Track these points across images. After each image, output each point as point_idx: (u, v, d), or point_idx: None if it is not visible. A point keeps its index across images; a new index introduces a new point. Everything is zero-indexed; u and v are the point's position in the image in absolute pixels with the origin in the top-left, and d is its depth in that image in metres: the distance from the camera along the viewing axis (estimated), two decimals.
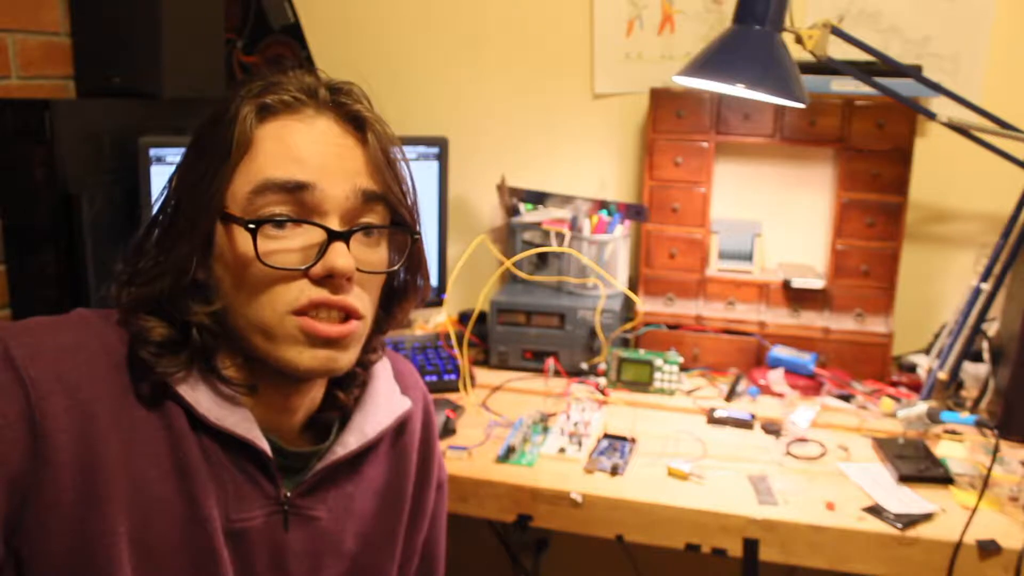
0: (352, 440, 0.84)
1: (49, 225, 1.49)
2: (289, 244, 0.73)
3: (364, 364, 0.88)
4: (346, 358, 0.77)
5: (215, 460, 0.76)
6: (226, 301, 0.75)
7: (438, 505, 1.00)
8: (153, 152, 1.46)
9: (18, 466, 0.67)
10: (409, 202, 0.81)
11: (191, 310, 0.75)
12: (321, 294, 0.73)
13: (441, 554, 1.02)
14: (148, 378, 0.74)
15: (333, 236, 0.73)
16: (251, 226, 0.72)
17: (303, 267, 0.73)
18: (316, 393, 0.84)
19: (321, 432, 0.86)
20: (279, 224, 0.73)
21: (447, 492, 1.02)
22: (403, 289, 0.86)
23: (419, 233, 0.81)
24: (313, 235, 0.73)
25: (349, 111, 0.78)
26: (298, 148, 0.74)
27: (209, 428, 0.75)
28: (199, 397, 0.75)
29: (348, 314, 0.75)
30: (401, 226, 0.80)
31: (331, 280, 0.73)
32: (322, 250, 0.73)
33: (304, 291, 0.73)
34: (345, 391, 0.86)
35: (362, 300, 0.76)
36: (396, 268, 0.81)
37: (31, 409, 0.68)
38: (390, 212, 0.79)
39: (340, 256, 0.73)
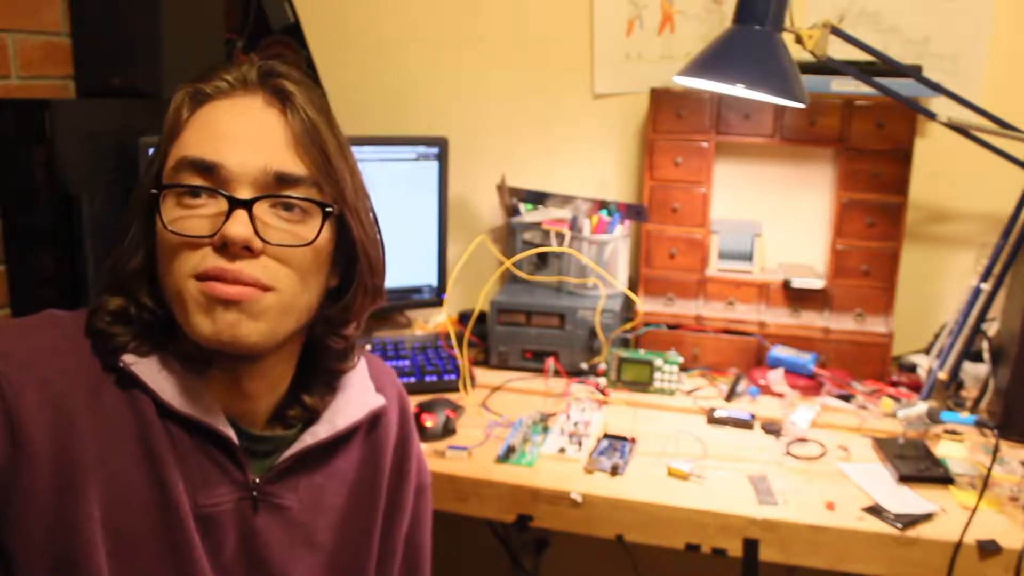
0: (322, 430, 0.85)
1: (49, 225, 1.49)
2: (199, 213, 0.74)
3: (335, 373, 0.88)
4: (252, 327, 0.74)
5: (182, 447, 0.78)
6: (159, 276, 0.78)
7: (420, 508, 1.00)
8: (153, 152, 1.46)
9: None
10: (335, 182, 0.79)
11: (141, 290, 0.78)
12: (218, 262, 0.73)
13: (426, 559, 1.02)
14: (115, 369, 0.76)
15: (233, 204, 0.73)
16: (154, 191, 0.76)
17: (205, 235, 0.74)
18: (273, 383, 0.84)
19: (292, 424, 0.87)
20: (195, 194, 0.75)
21: (430, 496, 1.02)
22: (349, 277, 0.84)
23: (332, 207, 0.78)
24: (222, 205, 0.74)
25: (274, 86, 0.78)
26: (215, 127, 0.76)
27: (175, 415, 0.77)
28: (163, 385, 0.77)
29: (250, 286, 0.74)
30: (313, 200, 0.77)
31: (229, 248, 0.73)
32: (226, 219, 0.73)
33: (206, 257, 0.74)
34: (311, 395, 0.86)
35: (270, 272, 0.75)
36: (311, 242, 0.77)
37: (6, 404, 0.70)
38: (318, 192, 0.78)
39: (235, 223, 0.73)
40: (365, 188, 0.84)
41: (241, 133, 0.75)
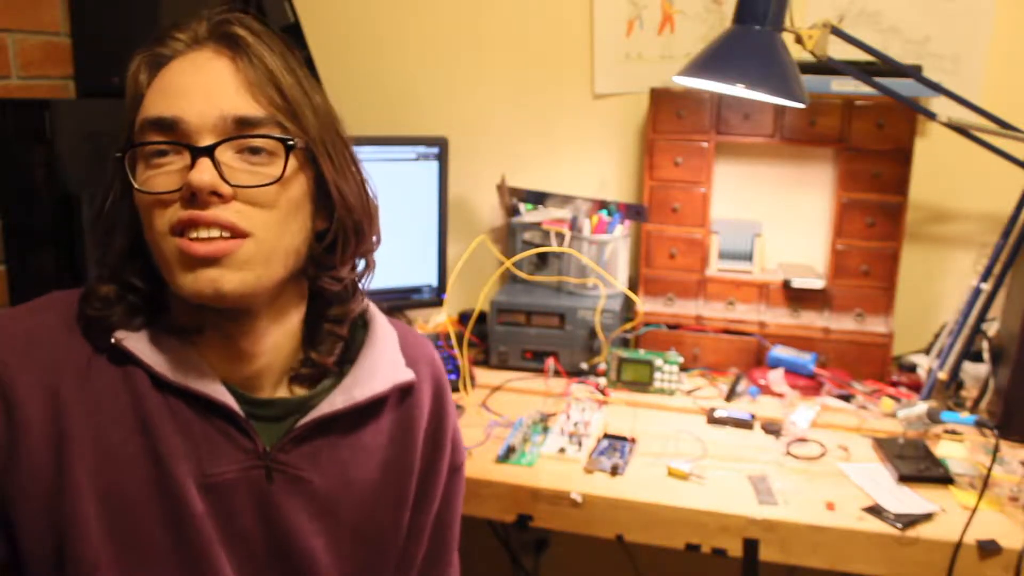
0: (339, 400, 0.84)
1: (49, 225, 1.49)
2: (165, 170, 0.75)
3: (337, 319, 0.86)
4: (234, 279, 0.74)
5: (183, 417, 0.78)
6: (147, 244, 0.78)
7: (453, 488, 0.98)
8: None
9: None
10: (297, 118, 0.78)
11: (129, 269, 0.80)
12: (188, 212, 0.73)
13: (454, 538, 1.00)
14: (106, 345, 0.78)
15: (195, 153, 0.73)
16: (118, 155, 0.76)
17: (173, 189, 0.74)
18: (276, 342, 0.82)
19: (309, 386, 0.86)
20: (162, 154, 0.75)
21: (464, 475, 1.00)
22: (328, 214, 0.82)
23: (293, 141, 0.77)
24: (186, 158, 0.74)
25: (222, 34, 0.78)
26: (170, 85, 0.76)
27: (172, 388, 0.77)
28: (157, 358, 0.78)
29: (228, 232, 0.74)
30: (275, 137, 0.76)
31: (197, 198, 0.73)
32: (190, 170, 0.73)
33: (178, 211, 0.74)
34: (319, 350, 0.85)
35: (244, 216, 0.74)
36: (277, 179, 0.75)
37: (3, 387, 0.73)
38: (281, 130, 0.77)
39: (198, 171, 0.72)
40: (338, 129, 0.83)
41: (195, 86, 0.75)
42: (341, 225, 0.82)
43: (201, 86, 0.76)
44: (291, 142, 0.77)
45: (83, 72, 1.73)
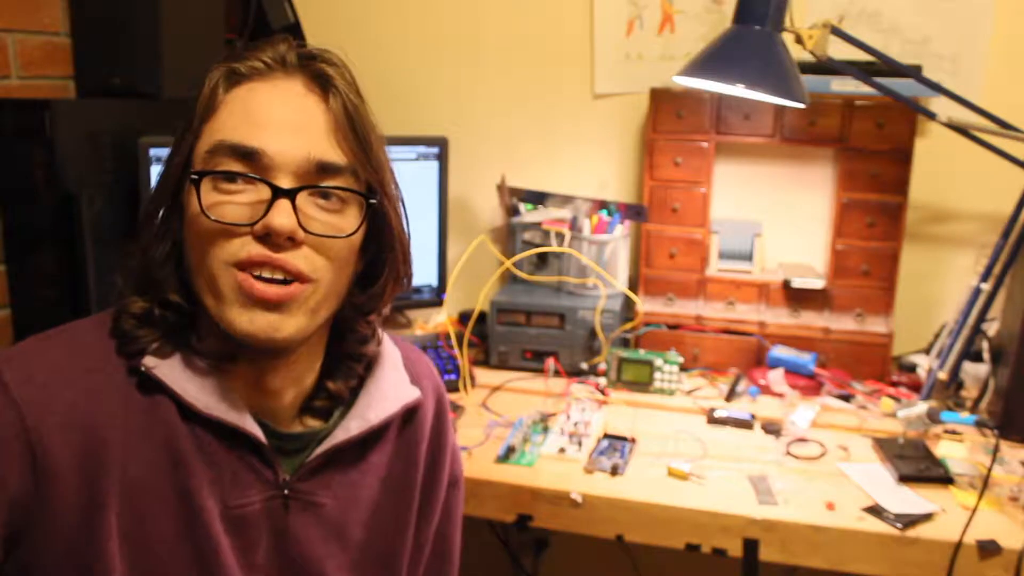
0: (354, 425, 0.84)
1: (49, 225, 1.49)
2: (237, 199, 0.73)
3: (358, 356, 0.87)
4: (291, 324, 0.74)
5: (209, 448, 0.77)
6: (189, 263, 0.76)
7: (452, 501, 0.98)
8: (153, 152, 1.46)
9: (18, 486, 0.70)
10: (374, 170, 0.78)
11: (167, 285, 0.77)
12: (262, 251, 0.72)
13: (455, 552, 1.01)
14: (136, 374, 0.75)
15: (277, 193, 0.72)
16: (193, 177, 0.73)
17: (245, 223, 0.72)
18: (299, 375, 0.82)
19: (322, 418, 0.86)
20: (231, 179, 0.73)
21: (463, 489, 1.01)
22: (377, 264, 0.83)
23: (375, 198, 0.78)
24: (262, 192, 0.72)
25: (315, 70, 0.77)
26: (256, 112, 0.74)
27: (201, 418, 0.76)
28: (186, 386, 0.76)
29: (292, 277, 0.73)
30: (356, 191, 0.77)
31: (271, 238, 0.72)
32: (267, 208, 0.72)
33: (246, 245, 0.72)
34: (335, 381, 0.85)
35: (311, 263, 0.74)
36: (352, 233, 0.76)
37: (27, 431, 0.70)
38: (355, 181, 0.77)
39: (280, 214, 0.71)
40: (395, 177, 0.83)
41: (282, 119, 0.74)
42: (394, 274, 0.84)
43: (290, 121, 0.74)
44: (372, 200, 0.77)
45: (83, 72, 1.73)
